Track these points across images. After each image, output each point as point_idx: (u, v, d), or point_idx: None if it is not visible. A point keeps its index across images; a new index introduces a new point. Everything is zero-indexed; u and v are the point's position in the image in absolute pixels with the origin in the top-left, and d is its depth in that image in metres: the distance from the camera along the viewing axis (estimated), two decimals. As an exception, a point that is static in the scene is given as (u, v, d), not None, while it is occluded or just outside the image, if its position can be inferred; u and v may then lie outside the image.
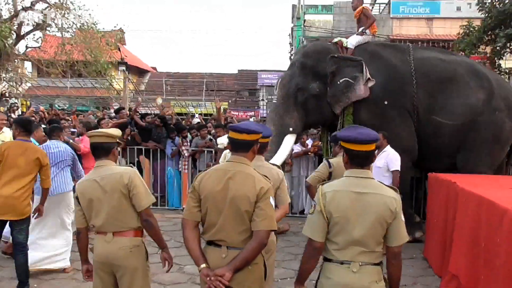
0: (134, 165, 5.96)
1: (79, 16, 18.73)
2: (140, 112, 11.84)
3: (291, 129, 7.23)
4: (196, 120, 13.35)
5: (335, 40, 7.91)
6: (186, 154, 9.13)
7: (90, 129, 7.93)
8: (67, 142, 6.80)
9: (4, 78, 20.48)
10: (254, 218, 2.82)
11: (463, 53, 15.13)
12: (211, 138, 9.49)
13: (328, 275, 2.71)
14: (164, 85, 24.98)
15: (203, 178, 2.98)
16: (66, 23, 18.95)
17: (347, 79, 7.09)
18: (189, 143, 9.32)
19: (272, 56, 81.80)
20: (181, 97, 24.11)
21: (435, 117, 7.21)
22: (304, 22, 23.86)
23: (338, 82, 7.16)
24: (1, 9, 19.29)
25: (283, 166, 6.33)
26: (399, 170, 6.49)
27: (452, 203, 5.36)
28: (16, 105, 18.26)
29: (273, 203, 2.91)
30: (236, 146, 3.00)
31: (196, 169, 9.17)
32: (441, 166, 7.32)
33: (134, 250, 3.29)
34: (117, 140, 3.47)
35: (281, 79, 7.83)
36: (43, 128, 7.03)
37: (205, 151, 9.14)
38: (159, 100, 14.05)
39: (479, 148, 7.23)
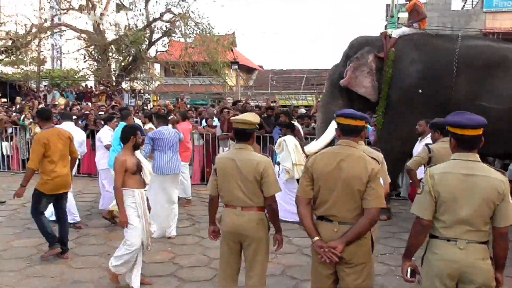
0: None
1: (199, 23, 19.46)
2: (250, 104, 12.11)
3: (335, 115, 7.03)
4: (302, 110, 13.31)
5: (383, 31, 7.59)
6: (298, 141, 9.15)
7: (185, 118, 8.45)
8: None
9: (139, 78, 21.94)
10: (366, 197, 2.78)
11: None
12: (314, 126, 9.42)
13: (435, 251, 2.60)
14: (270, 81, 25.24)
15: (315, 160, 2.97)
16: (188, 30, 19.78)
17: None
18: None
19: (310, 53, 77.44)
20: (284, 91, 24.23)
21: (480, 103, 6.46)
22: (397, 20, 22.77)
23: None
24: (137, 20, 20.51)
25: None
26: None
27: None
28: (149, 99, 19.48)
29: (382, 183, 2.84)
30: (347, 131, 2.95)
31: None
32: (493, 150, 6.64)
33: (260, 223, 3.37)
34: (256, 126, 3.49)
35: (330, 69, 7.73)
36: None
37: (309, 138, 9.09)
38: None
39: None
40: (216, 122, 10.13)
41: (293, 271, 4.95)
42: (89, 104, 14.92)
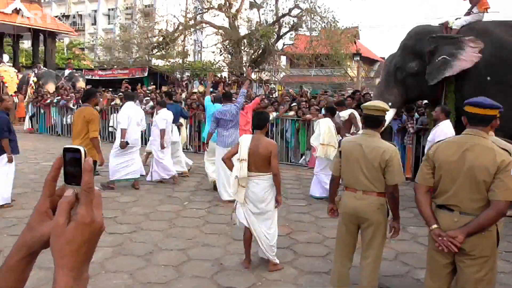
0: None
1: (324, 17, 19.16)
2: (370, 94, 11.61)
3: (390, 104, 6.52)
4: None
5: (443, 21, 6.88)
6: (411, 131, 8.60)
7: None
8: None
9: (267, 69, 22.44)
10: (493, 189, 2.48)
11: None
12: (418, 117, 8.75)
13: None
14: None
15: (438, 148, 2.74)
16: (314, 24, 19.61)
17: (444, 56, 6.21)
18: (415, 121, 8.75)
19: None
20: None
21: None
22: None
23: (436, 60, 6.29)
24: (268, 15, 20.93)
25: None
26: None
27: None
28: (274, 89, 19.86)
29: (514, 176, 2.50)
30: (474, 120, 2.65)
31: (419, 145, 8.56)
32: None
33: (381, 207, 3.24)
34: (386, 113, 3.37)
35: (386, 59, 7.28)
36: None
37: (429, 129, 8.44)
38: None
39: None
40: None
41: (406, 258, 4.68)
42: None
